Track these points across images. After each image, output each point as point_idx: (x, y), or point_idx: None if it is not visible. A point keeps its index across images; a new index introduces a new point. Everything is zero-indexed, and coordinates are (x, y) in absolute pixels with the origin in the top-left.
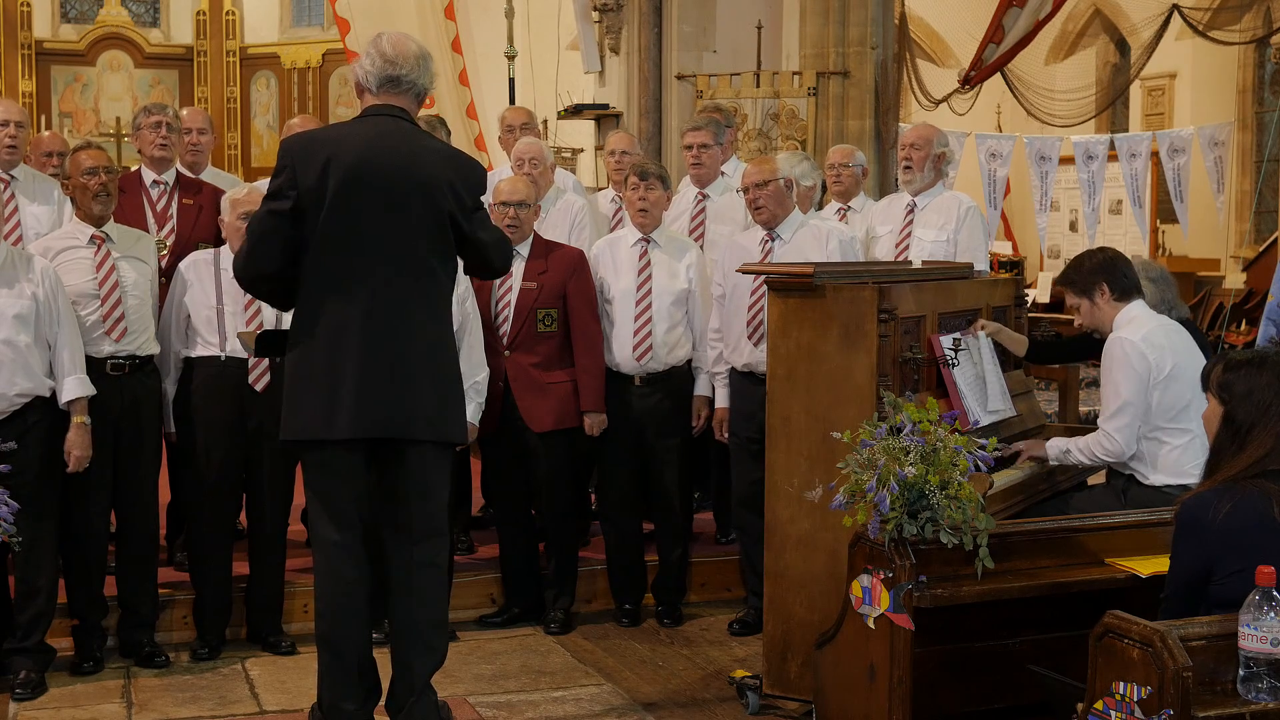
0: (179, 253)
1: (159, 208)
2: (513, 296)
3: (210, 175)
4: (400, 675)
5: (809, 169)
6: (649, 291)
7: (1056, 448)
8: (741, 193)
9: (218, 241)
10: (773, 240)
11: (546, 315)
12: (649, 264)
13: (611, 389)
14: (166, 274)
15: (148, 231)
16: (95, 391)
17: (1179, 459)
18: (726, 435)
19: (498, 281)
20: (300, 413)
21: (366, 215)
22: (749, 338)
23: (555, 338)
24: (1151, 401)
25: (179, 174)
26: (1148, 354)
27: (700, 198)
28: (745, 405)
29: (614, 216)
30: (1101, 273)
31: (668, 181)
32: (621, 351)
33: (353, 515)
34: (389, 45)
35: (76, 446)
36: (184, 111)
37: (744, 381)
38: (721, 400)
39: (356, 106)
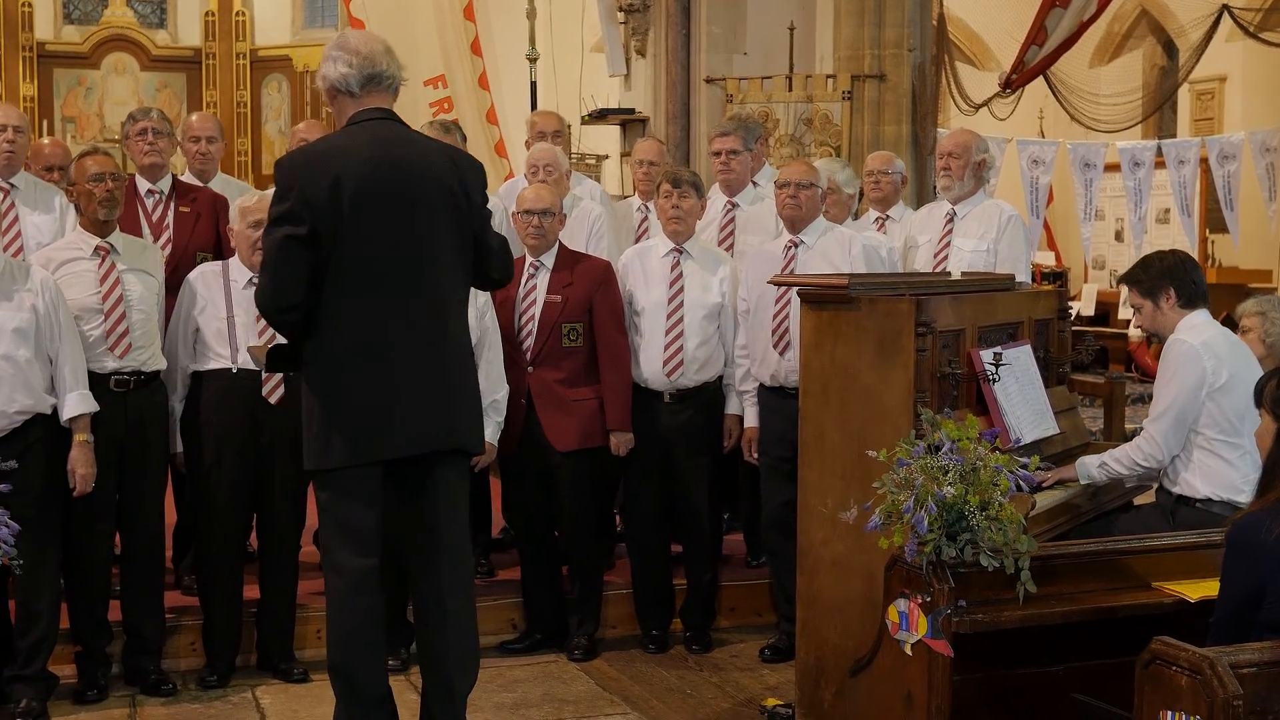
0: (176, 262)
1: (154, 217)
2: (536, 310)
3: (220, 182)
4: (440, 701)
5: (850, 176)
6: (680, 304)
7: (1089, 466)
8: (777, 186)
9: (217, 249)
10: (797, 246)
11: (571, 330)
12: (681, 275)
13: (639, 405)
14: (165, 284)
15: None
16: (98, 408)
17: (1230, 475)
18: (756, 456)
19: (521, 294)
20: (343, 436)
21: (387, 226)
22: (775, 347)
23: (580, 353)
24: (1205, 412)
25: (175, 180)
26: (1205, 360)
27: (729, 206)
28: (776, 423)
29: (639, 225)
30: (1169, 277)
31: (701, 189)
32: (650, 366)
33: (377, 539)
34: (359, 43)
35: (81, 465)
36: (193, 117)
37: (773, 398)
38: (750, 420)
39: None
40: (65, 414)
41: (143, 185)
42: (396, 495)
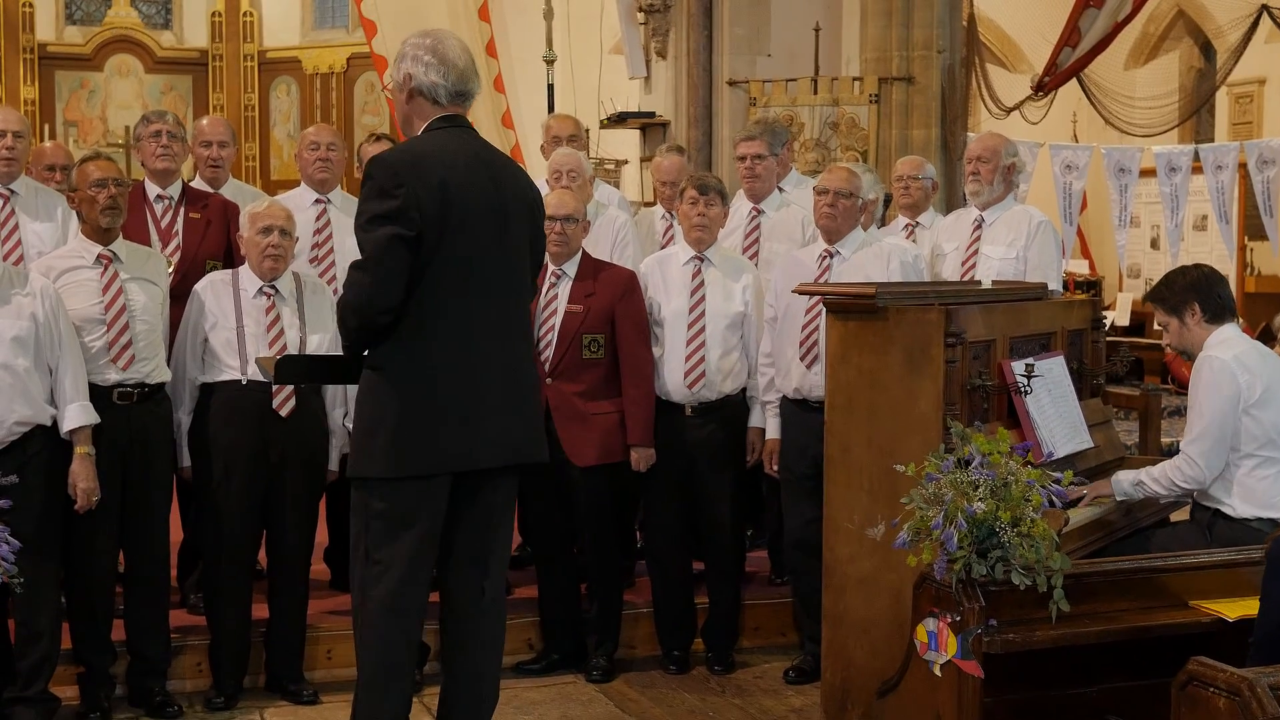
0: (185, 270)
1: (163, 223)
2: (557, 320)
3: (231, 188)
4: (466, 716)
5: (872, 181)
6: (702, 314)
7: (1125, 482)
8: (816, 193)
9: (227, 258)
10: (832, 257)
11: (593, 341)
12: (702, 284)
13: (660, 419)
14: (173, 293)
15: (150, 249)
16: (99, 419)
17: (1269, 490)
18: (777, 468)
19: (542, 303)
20: (424, 443)
21: (484, 236)
22: (801, 359)
23: (601, 365)
24: (1241, 427)
25: (185, 186)
26: (1238, 375)
27: (754, 213)
28: (798, 437)
29: (665, 234)
30: (1194, 291)
31: (727, 197)
32: (672, 378)
33: (433, 553)
34: (455, 55)
35: (82, 479)
36: (203, 121)
37: (797, 410)
38: (773, 431)
39: (383, 115)
40: (66, 426)
41: (152, 190)
42: (453, 507)
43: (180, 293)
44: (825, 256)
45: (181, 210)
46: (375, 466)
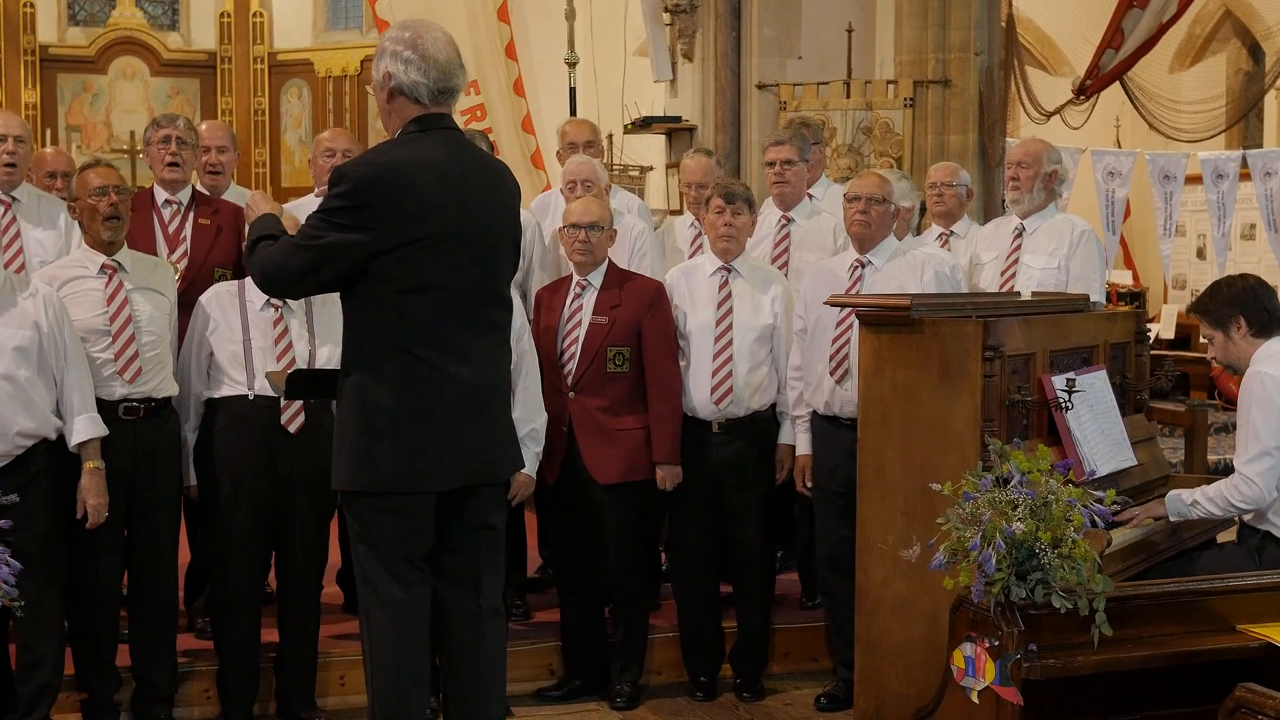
0: (193, 278)
1: (171, 229)
2: (581, 332)
3: (234, 195)
4: None
5: (907, 189)
6: (729, 326)
7: (1178, 503)
8: (847, 200)
9: (237, 266)
10: (864, 266)
11: (618, 354)
12: (729, 295)
13: (686, 436)
14: (179, 301)
15: (157, 255)
16: (108, 432)
17: None
18: (809, 486)
19: (566, 315)
20: (415, 456)
21: (461, 252)
22: (831, 374)
23: (626, 379)
24: None
25: (194, 191)
26: None
27: (784, 221)
28: (829, 454)
29: (693, 243)
30: (1238, 304)
31: (755, 205)
32: (698, 394)
33: (423, 570)
34: (436, 50)
35: (91, 494)
36: (202, 126)
37: (827, 427)
38: (803, 447)
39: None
40: (74, 439)
41: (160, 195)
42: (441, 523)
43: (187, 301)
44: (857, 266)
45: (190, 216)
46: (339, 479)
